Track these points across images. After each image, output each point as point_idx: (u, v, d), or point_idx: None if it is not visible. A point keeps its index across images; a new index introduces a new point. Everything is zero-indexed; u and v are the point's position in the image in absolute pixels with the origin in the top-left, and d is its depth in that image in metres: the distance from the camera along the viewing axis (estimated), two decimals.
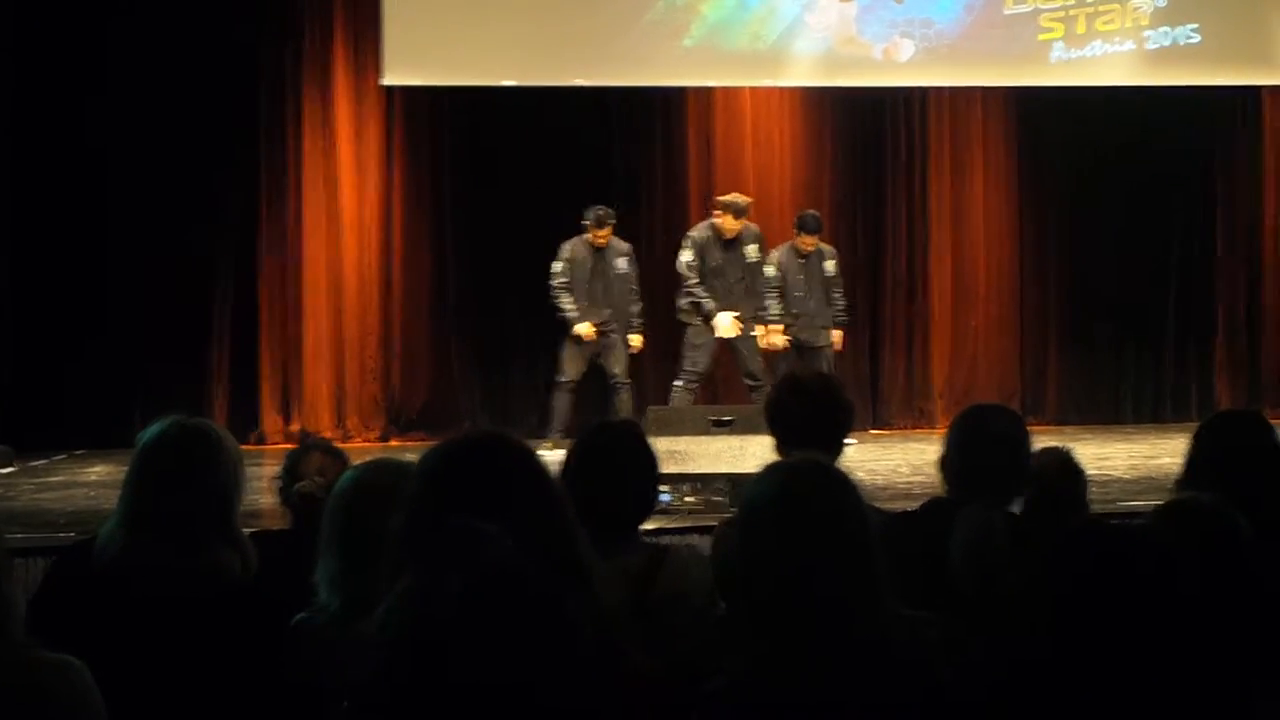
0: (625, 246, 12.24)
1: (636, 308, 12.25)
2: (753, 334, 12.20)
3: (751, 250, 12.22)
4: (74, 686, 2.66)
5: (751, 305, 12.20)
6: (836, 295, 12.52)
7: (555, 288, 12.04)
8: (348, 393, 13.34)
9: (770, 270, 12.27)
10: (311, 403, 13.21)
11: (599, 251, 12.10)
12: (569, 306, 12.03)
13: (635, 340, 12.29)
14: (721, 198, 12.38)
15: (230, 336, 13.16)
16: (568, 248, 12.08)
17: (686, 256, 12.17)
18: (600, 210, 12.06)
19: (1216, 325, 14.46)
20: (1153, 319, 14.36)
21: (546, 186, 13.19)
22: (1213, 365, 14.43)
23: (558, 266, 12.05)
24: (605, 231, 12.05)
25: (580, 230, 12.08)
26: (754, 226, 12.32)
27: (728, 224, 12.12)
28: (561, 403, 12.08)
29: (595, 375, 12.25)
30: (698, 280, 12.11)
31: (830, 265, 12.49)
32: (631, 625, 3.41)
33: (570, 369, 12.14)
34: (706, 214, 12.70)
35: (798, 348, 12.34)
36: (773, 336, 12.24)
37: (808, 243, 12.36)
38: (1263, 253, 14.49)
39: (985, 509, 3.88)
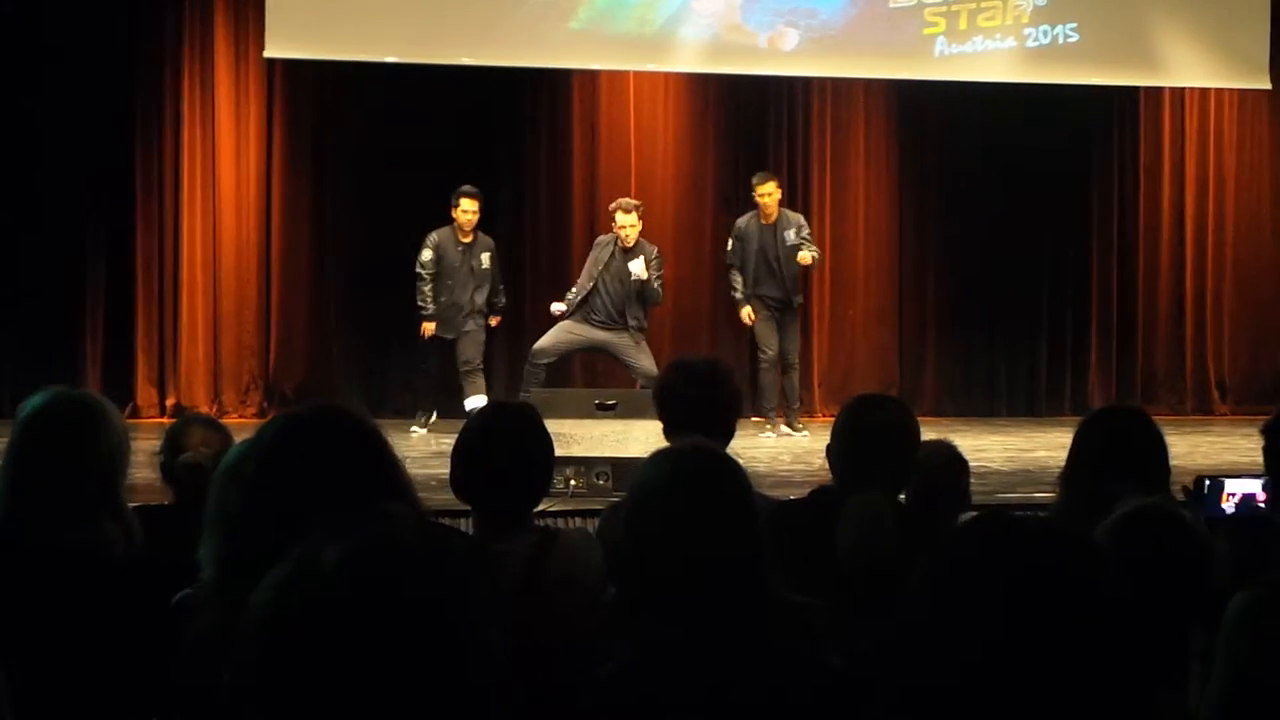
0: (487, 240, 12.18)
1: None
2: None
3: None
4: None
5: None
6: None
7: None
8: (224, 367, 13.19)
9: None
10: (187, 377, 13.05)
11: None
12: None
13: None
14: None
15: (105, 308, 12.97)
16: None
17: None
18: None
19: (1091, 321, 14.64)
20: (1029, 314, 14.54)
21: (428, 165, 13.10)
22: (1087, 361, 14.62)
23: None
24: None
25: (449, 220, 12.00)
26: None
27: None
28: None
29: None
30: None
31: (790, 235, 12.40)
32: (522, 607, 3.40)
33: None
34: (589, 197, 12.65)
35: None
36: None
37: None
38: (1137, 251, 14.71)
39: (872, 498, 3.91)
